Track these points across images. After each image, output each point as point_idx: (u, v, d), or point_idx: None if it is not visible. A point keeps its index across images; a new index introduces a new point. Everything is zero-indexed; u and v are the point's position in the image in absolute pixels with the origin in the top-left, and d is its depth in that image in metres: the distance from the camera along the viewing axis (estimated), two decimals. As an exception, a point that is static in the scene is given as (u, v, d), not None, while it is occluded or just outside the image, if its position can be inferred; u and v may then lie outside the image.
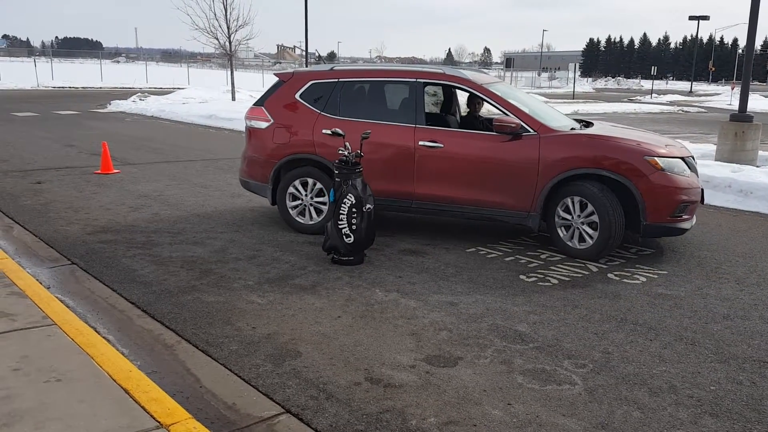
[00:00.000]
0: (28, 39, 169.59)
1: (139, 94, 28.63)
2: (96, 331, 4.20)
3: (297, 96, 7.05)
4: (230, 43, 27.55)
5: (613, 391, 3.64)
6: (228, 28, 27.11)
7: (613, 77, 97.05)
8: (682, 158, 6.32)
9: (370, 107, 6.91)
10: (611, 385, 3.71)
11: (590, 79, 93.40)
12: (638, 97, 48.01)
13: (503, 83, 7.51)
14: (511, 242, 6.77)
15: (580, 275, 5.73)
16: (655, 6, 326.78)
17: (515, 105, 6.55)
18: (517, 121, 6.29)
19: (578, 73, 63.08)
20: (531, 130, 6.29)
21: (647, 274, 5.79)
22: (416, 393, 3.57)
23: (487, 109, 9.02)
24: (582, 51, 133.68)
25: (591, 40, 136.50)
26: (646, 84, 74.89)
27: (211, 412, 3.31)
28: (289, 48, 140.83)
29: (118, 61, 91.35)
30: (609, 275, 5.74)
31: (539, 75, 78.60)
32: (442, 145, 6.48)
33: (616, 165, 6.01)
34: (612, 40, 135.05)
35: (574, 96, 45.15)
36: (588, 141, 6.23)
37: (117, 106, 25.33)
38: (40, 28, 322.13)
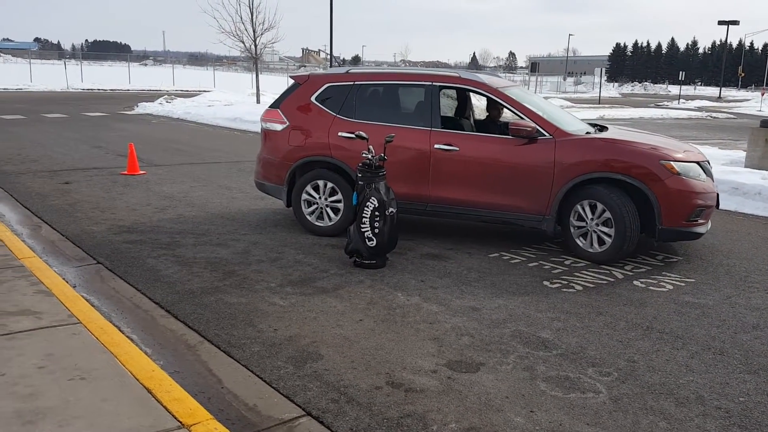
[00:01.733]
0: (59, 42, 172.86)
1: (166, 96, 28.97)
2: (120, 330, 4.24)
3: (313, 98, 7.05)
4: (256, 46, 27.77)
5: (639, 401, 3.57)
6: (254, 31, 27.36)
7: (639, 82, 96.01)
8: (698, 163, 6.29)
9: (386, 110, 6.90)
10: (637, 394, 3.65)
11: (616, 84, 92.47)
12: (665, 103, 47.38)
13: (519, 87, 7.46)
14: (534, 248, 6.70)
15: (605, 282, 5.65)
16: (683, 11, 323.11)
17: (531, 109, 6.52)
18: (533, 124, 6.25)
19: (604, 78, 62.45)
20: (547, 134, 6.27)
21: (674, 282, 5.69)
22: (437, 398, 3.54)
23: (508, 115, 8.95)
24: (608, 56, 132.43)
25: (618, 44, 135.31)
26: (674, 89, 73.83)
27: (232, 413, 3.32)
28: (314, 51, 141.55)
29: (146, 64, 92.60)
30: (635, 282, 5.65)
31: (565, 80, 77.93)
32: (457, 149, 6.46)
33: (631, 169, 5.98)
34: (639, 44, 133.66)
35: (600, 101, 44.72)
36: (604, 145, 6.19)
37: (144, 108, 25.64)
38: (71, 31, 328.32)
